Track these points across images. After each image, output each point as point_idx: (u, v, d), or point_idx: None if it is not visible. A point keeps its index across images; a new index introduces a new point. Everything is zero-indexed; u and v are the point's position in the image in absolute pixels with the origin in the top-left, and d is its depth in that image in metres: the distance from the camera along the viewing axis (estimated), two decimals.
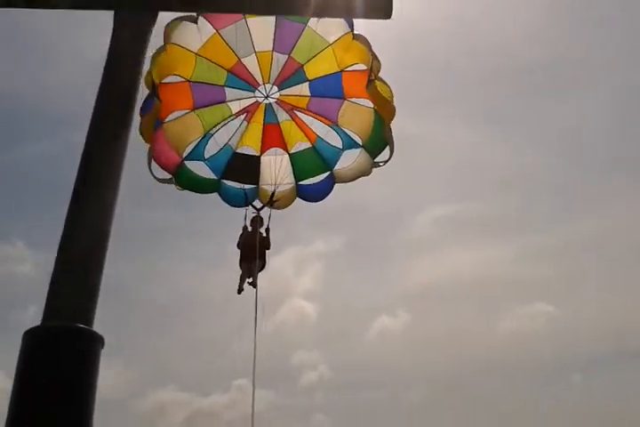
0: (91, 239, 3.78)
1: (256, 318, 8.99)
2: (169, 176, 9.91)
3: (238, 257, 10.28)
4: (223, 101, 10.06)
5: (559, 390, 23.96)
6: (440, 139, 30.11)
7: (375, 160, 9.91)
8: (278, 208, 10.51)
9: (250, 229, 10.50)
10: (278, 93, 10.17)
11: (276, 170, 10.36)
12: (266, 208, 10.51)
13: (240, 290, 10.11)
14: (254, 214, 10.53)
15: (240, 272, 10.16)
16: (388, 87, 9.33)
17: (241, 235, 10.45)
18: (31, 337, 3.32)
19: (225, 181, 10.38)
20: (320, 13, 7.35)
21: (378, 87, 9.06)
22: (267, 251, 10.42)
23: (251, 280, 10.06)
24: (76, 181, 3.94)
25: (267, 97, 10.18)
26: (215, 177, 10.30)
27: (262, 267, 10.25)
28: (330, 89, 9.90)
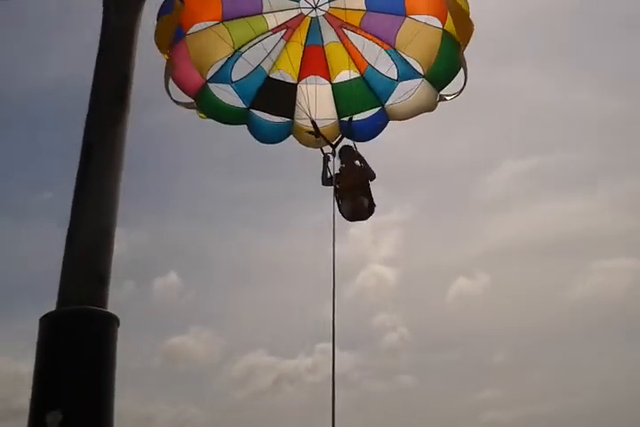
0: (97, 228, 3.85)
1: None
2: (190, 100, 8.31)
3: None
4: (259, 13, 8.24)
5: None
6: (513, 85, 27.07)
7: (441, 93, 8.06)
8: (316, 147, 8.83)
9: (343, 165, 8.72)
10: (327, 5, 8.31)
11: (314, 102, 8.62)
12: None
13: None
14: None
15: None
16: (466, 1, 7.37)
17: (329, 177, 8.64)
18: (47, 322, 3.38)
19: (254, 112, 8.73)
20: None
21: None
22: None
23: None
24: (77, 173, 3.99)
25: (315, 8, 8.33)
26: (244, 105, 8.64)
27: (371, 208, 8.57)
28: (389, 2, 8.01)
